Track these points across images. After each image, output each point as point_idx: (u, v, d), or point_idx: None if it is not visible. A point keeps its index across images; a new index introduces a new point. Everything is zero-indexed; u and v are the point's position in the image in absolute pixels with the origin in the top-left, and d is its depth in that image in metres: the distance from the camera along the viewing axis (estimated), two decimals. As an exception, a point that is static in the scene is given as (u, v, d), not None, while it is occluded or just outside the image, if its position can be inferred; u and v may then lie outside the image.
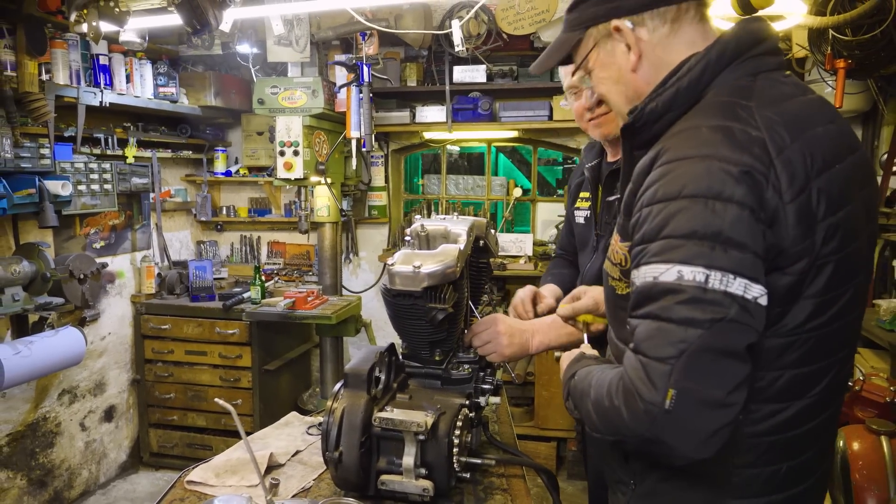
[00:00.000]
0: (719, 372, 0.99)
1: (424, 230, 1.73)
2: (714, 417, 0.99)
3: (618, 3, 1.20)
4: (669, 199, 1.03)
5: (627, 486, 1.29)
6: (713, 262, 0.98)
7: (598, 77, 1.30)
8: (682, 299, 0.99)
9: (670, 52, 1.19)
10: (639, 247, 1.07)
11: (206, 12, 2.40)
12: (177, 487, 1.70)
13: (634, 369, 1.03)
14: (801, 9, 2.44)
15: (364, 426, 1.49)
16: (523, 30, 3.93)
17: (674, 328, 0.99)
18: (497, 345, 1.81)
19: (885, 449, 2.27)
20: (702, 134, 1.06)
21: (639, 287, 1.06)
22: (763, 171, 1.01)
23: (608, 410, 1.09)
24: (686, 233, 1.00)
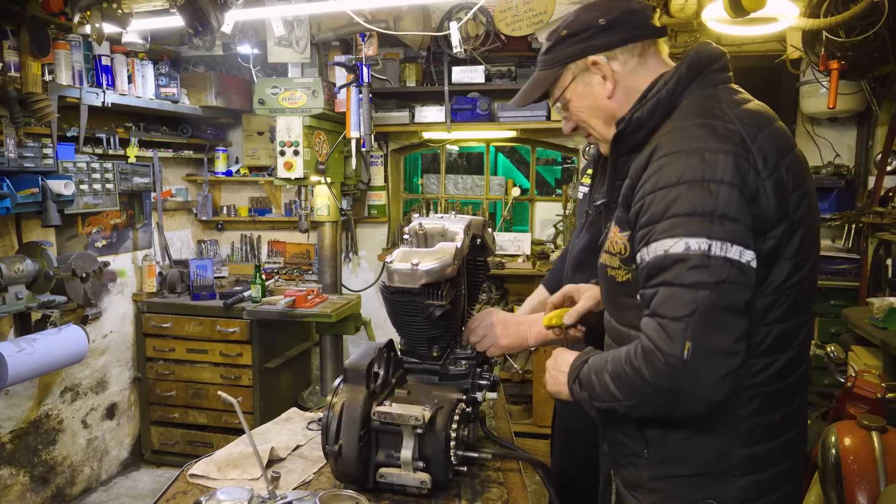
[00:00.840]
0: (725, 325, 1.17)
1: (422, 228, 1.77)
2: (724, 363, 1.17)
3: (594, 42, 1.43)
4: (670, 186, 1.22)
5: (640, 457, 1.41)
6: (713, 234, 1.18)
7: (576, 106, 1.50)
8: (690, 266, 1.18)
9: (638, 79, 1.43)
10: (645, 228, 1.25)
11: (208, 14, 2.44)
12: (180, 481, 1.74)
13: (654, 330, 1.20)
14: (793, 11, 2.48)
15: (363, 420, 1.53)
16: (521, 31, 3.96)
17: (686, 291, 1.17)
18: (493, 337, 1.85)
19: (875, 444, 2.30)
20: (690, 131, 1.27)
21: (650, 261, 1.23)
22: (744, 156, 1.23)
23: (629, 375, 1.25)
24: (688, 211, 1.20)
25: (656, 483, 1.40)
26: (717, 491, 1.33)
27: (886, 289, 3.74)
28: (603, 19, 1.42)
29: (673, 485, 1.38)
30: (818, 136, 4.16)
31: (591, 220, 2.08)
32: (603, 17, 1.42)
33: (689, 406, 1.22)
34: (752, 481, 1.33)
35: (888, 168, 3.84)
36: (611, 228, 1.43)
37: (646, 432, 1.39)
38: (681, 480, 1.37)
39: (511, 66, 4.30)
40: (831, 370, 2.67)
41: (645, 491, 1.42)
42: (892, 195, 3.76)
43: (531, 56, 4.32)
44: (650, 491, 1.41)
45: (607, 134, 1.49)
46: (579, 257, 2.13)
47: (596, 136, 1.53)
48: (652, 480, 1.40)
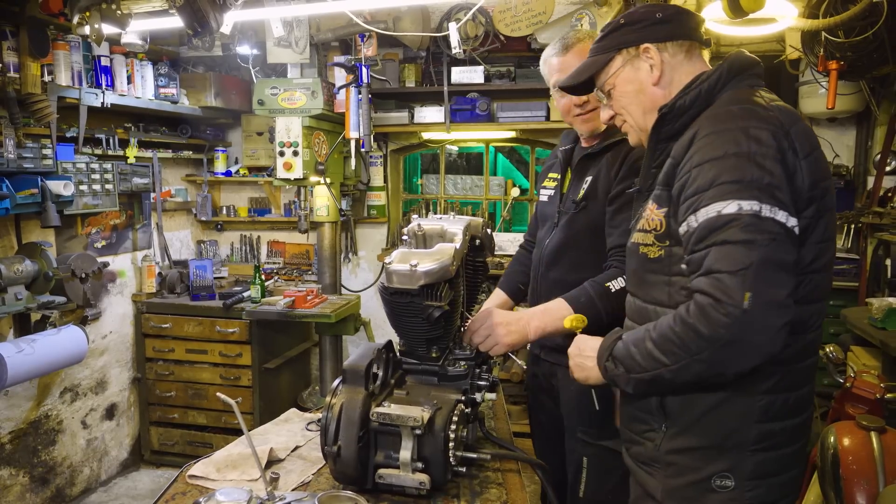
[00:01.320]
0: (778, 280, 1.25)
1: (421, 229, 1.77)
2: (780, 315, 1.25)
3: (648, 32, 1.55)
4: (717, 158, 1.32)
5: (657, 432, 1.49)
6: (762, 199, 1.27)
7: (620, 91, 1.60)
8: (743, 224, 1.26)
9: (682, 73, 1.55)
10: (692, 198, 1.33)
11: (207, 15, 2.44)
12: (179, 482, 1.74)
13: (710, 286, 1.26)
14: (791, 11, 2.48)
15: (362, 421, 1.53)
16: (520, 31, 3.96)
17: (740, 247, 1.25)
18: (496, 336, 1.87)
19: (874, 445, 2.30)
20: (733, 112, 1.38)
21: (701, 224, 1.30)
22: (784, 136, 1.33)
23: (679, 336, 1.30)
24: (737, 179, 1.28)
25: (673, 456, 1.46)
26: (733, 464, 1.40)
27: (885, 289, 3.74)
28: (660, 13, 1.55)
29: (690, 457, 1.43)
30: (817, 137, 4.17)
31: (568, 219, 2.13)
32: (660, 12, 1.56)
33: (747, 358, 1.28)
34: (766, 458, 1.40)
35: (887, 168, 3.84)
36: (646, 209, 1.51)
37: (666, 406, 1.46)
38: (697, 453, 1.42)
39: (510, 67, 4.30)
40: (830, 370, 2.67)
41: (660, 465, 1.49)
42: (892, 195, 3.77)
43: (530, 56, 4.32)
44: (666, 465, 1.47)
45: (643, 122, 1.58)
46: (554, 255, 2.17)
47: (632, 123, 1.61)
48: (669, 454, 1.46)
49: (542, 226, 2.31)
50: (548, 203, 2.28)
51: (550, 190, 2.29)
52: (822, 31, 2.97)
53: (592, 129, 2.12)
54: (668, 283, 1.44)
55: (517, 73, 4.28)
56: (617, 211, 2.00)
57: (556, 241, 2.16)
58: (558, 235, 2.16)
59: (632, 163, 2.00)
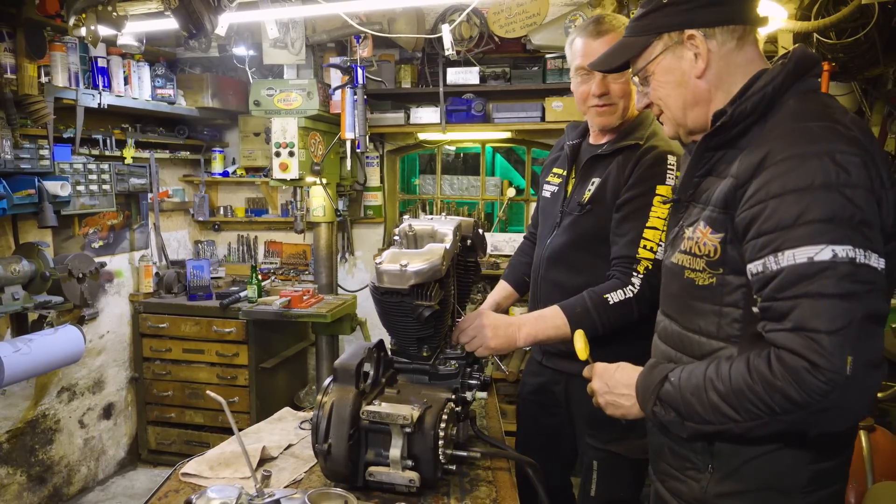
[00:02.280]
0: (874, 336, 1.13)
1: (412, 230, 1.79)
2: (877, 377, 1.13)
3: (694, 15, 1.33)
4: (802, 190, 1.14)
5: (703, 472, 1.37)
6: (855, 241, 1.11)
7: (659, 81, 1.41)
8: (841, 274, 1.11)
9: (732, 66, 1.35)
10: (772, 234, 1.17)
11: (202, 17, 2.45)
12: (172, 479, 1.76)
13: (805, 346, 1.11)
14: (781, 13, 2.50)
15: (352, 419, 1.55)
16: (515, 32, 3.98)
17: (839, 302, 1.10)
18: (482, 338, 1.87)
19: (863, 443, 2.33)
20: (814, 132, 1.19)
21: (787, 269, 1.14)
22: (872, 163, 1.17)
23: (759, 396, 1.17)
24: (828, 217, 1.12)
25: (725, 500, 1.35)
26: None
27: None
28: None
29: (741, 501, 1.33)
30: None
31: (572, 221, 2.07)
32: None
33: (839, 423, 1.17)
34: (818, 498, 1.30)
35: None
36: (696, 228, 1.35)
37: (715, 446, 1.35)
38: (749, 496, 1.32)
39: (505, 68, 4.32)
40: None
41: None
42: (884, 196, 3.78)
43: (525, 57, 4.34)
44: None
45: (682, 117, 1.42)
46: (555, 257, 2.12)
47: (670, 117, 1.44)
48: (718, 497, 1.36)
49: (543, 222, 2.25)
50: (551, 200, 2.21)
51: (554, 186, 2.21)
52: (814, 33, 2.99)
53: (605, 125, 2.05)
54: (719, 313, 1.31)
55: (512, 73, 4.29)
56: (624, 219, 1.95)
57: (558, 243, 2.12)
58: (560, 237, 2.12)
59: (643, 170, 1.94)
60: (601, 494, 2.11)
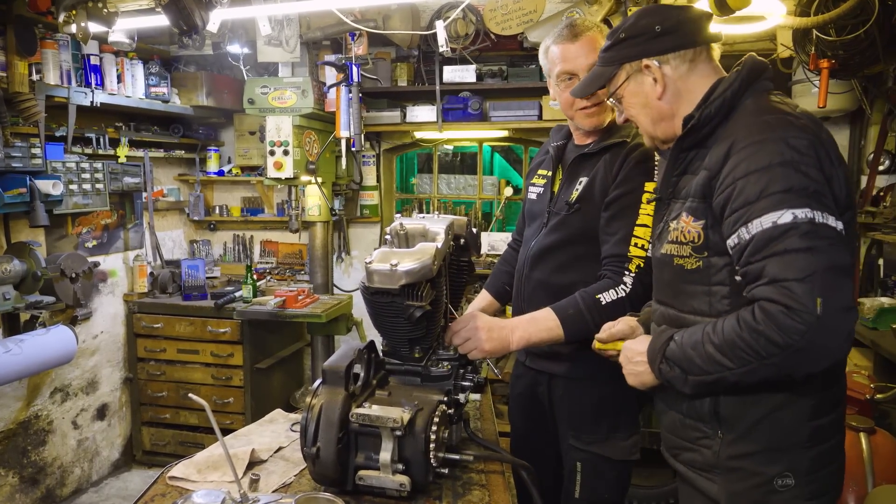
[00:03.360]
0: (843, 284, 1.28)
1: (403, 229, 1.75)
2: (849, 318, 1.28)
3: (648, 46, 1.56)
4: (762, 169, 1.33)
5: (714, 439, 1.50)
6: (812, 206, 1.29)
7: (628, 102, 1.63)
8: (802, 232, 1.28)
9: (688, 84, 1.56)
10: (741, 209, 1.34)
11: (192, 13, 2.42)
12: (159, 483, 1.73)
13: (779, 294, 1.27)
14: (779, 9, 2.47)
15: (341, 422, 1.51)
16: (511, 30, 3.95)
17: (804, 255, 1.27)
18: (476, 340, 1.84)
19: (864, 445, 2.30)
20: (769, 122, 1.39)
21: (755, 235, 1.32)
22: (819, 145, 1.36)
23: (746, 341, 1.31)
24: (786, 188, 1.31)
25: (735, 462, 1.47)
26: (792, 463, 1.44)
27: (878, 289, 3.73)
28: (659, 26, 1.55)
29: (752, 461, 1.45)
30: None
31: (559, 220, 2.07)
32: (659, 24, 1.55)
33: (819, 362, 1.30)
34: (818, 452, 1.44)
35: (880, 168, 3.83)
36: (679, 219, 1.51)
37: (721, 412, 1.48)
38: (758, 456, 1.45)
39: (502, 66, 4.29)
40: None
41: (722, 471, 1.50)
42: (884, 195, 3.76)
43: (522, 55, 4.31)
44: (728, 470, 1.49)
45: (652, 130, 1.62)
46: (540, 256, 2.11)
47: (643, 131, 1.67)
48: (731, 459, 1.48)
49: (529, 224, 2.24)
50: (536, 201, 2.20)
51: (539, 188, 2.20)
52: (813, 30, 2.96)
53: (597, 125, 2.04)
54: (709, 292, 1.47)
55: (509, 72, 4.26)
56: (613, 217, 1.95)
57: (544, 242, 2.11)
58: (547, 236, 2.10)
59: (631, 167, 1.94)
60: (585, 496, 2.09)
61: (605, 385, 2.02)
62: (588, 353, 1.88)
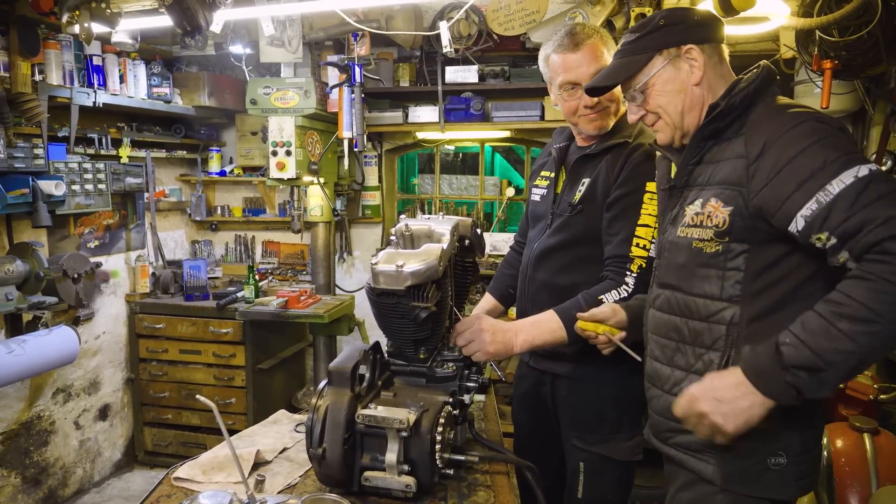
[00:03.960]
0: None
1: (409, 230, 1.75)
2: None
3: (689, 33, 1.61)
4: (812, 145, 1.37)
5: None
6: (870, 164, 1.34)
7: (660, 90, 1.63)
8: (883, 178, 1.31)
9: (717, 75, 1.62)
10: (808, 182, 1.35)
11: (196, 14, 2.42)
12: (164, 484, 1.73)
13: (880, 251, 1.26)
14: (784, 10, 2.47)
15: (347, 423, 1.51)
16: (514, 30, 3.94)
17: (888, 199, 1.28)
18: (481, 343, 1.83)
19: (867, 446, 2.30)
20: (796, 113, 1.46)
21: (840, 192, 1.31)
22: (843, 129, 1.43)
23: (885, 293, 1.24)
24: (845, 151, 1.36)
25: (732, 441, 1.46)
26: (785, 443, 1.49)
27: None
28: (697, 16, 1.62)
29: (747, 441, 1.46)
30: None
31: (563, 221, 2.07)
32: (696, 15, 1.63)
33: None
34: (809, 435, 1.51)
35: (883, 168, 3.83)
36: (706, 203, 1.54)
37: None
38: (753, 437, 1.45)
39: (504, 66, 4.29)
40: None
41: (716, 451, 1.53)
42: (887, 195, 3.75)
43: (524, 56, 4.31)
44: (724, 450, 1.51)
45: (680, 121, 1.63)
46: (543, 257, 2.12)
47: (668, 122, 1.64)
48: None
49: (533, 226, 2.25)
50: (540, 203, 2.21)
51: (543, 189, 2.21)
52: (816, 30, 2.95)
53: (600, 128, 2.05)
54: (723, 276, 1.51)
55: (511, 72, 4.26)
56: (615, 218, 1.95)
57: (548, 244, 2.11)
58: (550, 237, 2.11)
59: (632, 167, 1.94)
60: (588, 496, 2.09)
61: (608, 386, 2.03)
62: (591, 354, 1.88)
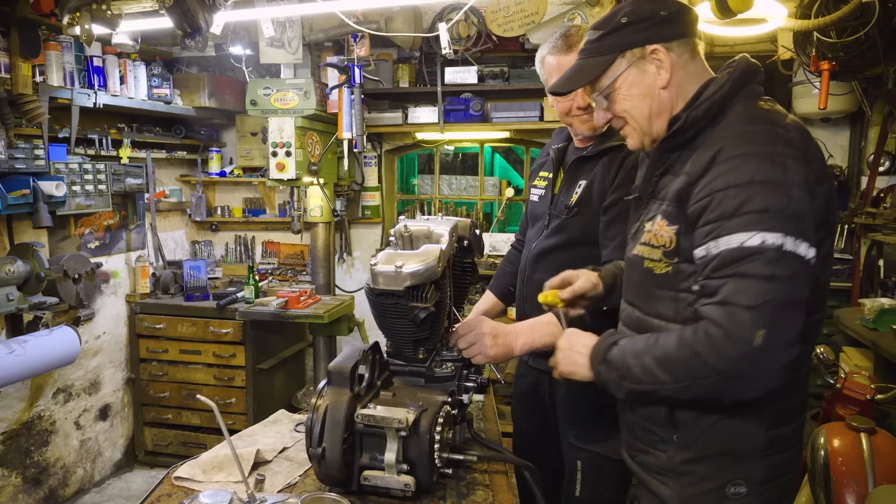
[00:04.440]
0: (792, 318, 1.26)
1: (408, 230, 1.76)
2: (787, 353, 1.27)
3: (654, 31, 1.46)
4: (743, 184, 1.28)
5: (669, 443, 1.49)
6: (786, 230, 1.25)
7: (624, 94, 1.50)
8: (766, 259, 1.24)
9: (688, 75, 1.48)
10: (714, 223, 1.30)
11: (197, 15, 2.43)
12: (165, 483, 1.74)
13: (724, 318, 1.26)
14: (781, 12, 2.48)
15: (347, 422, 1.52)
16: (513, 32, 3.95)
17: (760, 282, 1.24)
18: (482, 346, 1.83)
19: (864, 446, 2.30)
20: (757, 134, 1.34)
21: (721, 253, 1.28)
22: (806, 162, 1.31)
23: (685, 359, 1.31)
24: (763, 208, 1.26)
25: (687, 466, 1.46)
26: (746, 471, 1.42)
27: (878, 290, 3.74)
28: (664, 11, 1.46)
29: (704, 467, 1.44)
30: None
31: (560, 223, 2.09)
32: (663, 9, 1.46)
33: (747, 391, 1.30)
34: (775, 462, 1.43)
35: (880, 169, 3.84)
36: (654, 221, 1.47)
37: (676, 417, 1.46)
38: (711, 462, 1.44)
39: (504, 67, 4.30)
40: (821, 371, 2.67)
41: (675, 475, 1.49)
42: (885, 196, 3.77)
43: (524, 56, 4.32)
44: (680, 474, 1.47)
45: (648, 127, 1.50)
46: (544, 256, 2.14)
47: (636, 127, 1.53)
48: (684, 464, 1.47)
49: (532, 225, 2.26)
50: (538, 203, 2.23)
51: (541, 189, 2.23)
52: (814, 32, 2.97)
53: (594, 129, 2.04)
54: (676, 298, 1.43)
55: (510, 73, 4.27)
56: (611, 222, 1.97)
57: (545, 244, 2.13)
58: (548, 238, 2.13)
59: (628, 170, 1.94)
60: (585, 495, 2.10)
61: None
62: None
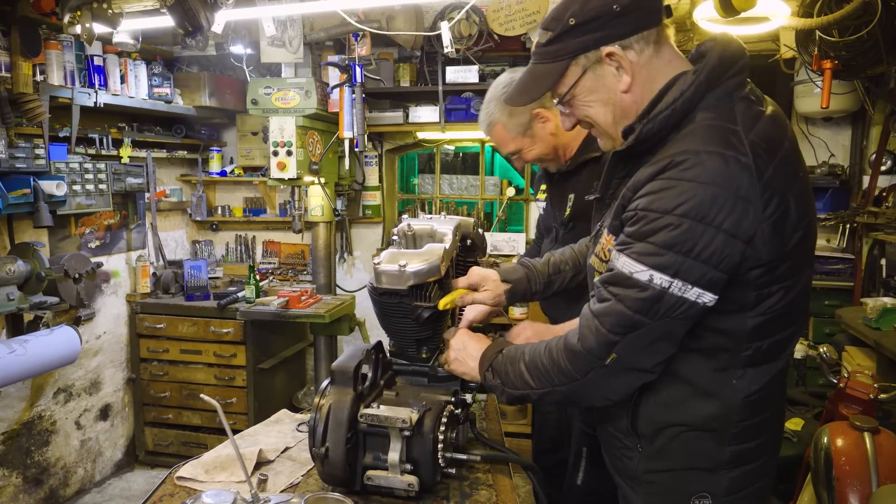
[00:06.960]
0: (653, 350, 1.27)
1: (411, 230, 1.76)
2: (638, 378, 1.31)
3: (607, 31, 1.28)
4: (663, 213, 1.19)
5: (634, 451, 1.46)
6: (680, 273, 1.20)
7: (583, 101, 1.37)
8: (644, 296, 1.22)
9: (654, 71, 1.32)
10: (627, 238, 1.26)
11: (198, 14, 2.43)
12: (167, 483, 1.73)
13: (588, 329, 1.29)
14: (784, 10, 2.47)
15: (350, 422, 1.52)
16: (514, 31, 3.95)
17: (630, 314, 1.23)
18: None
19: (867, 445, 2.29)
20: (702, 160, 1.19)
21: (617, 270, 1.26)
22: (748, 198, 1.18)
23: (545, 366, 1.37)
24: (668, 244, 1.19)
25: (651, 476, 1.44)
26: (709, 484, 1.38)
27: (881, 289, 3.73)
28: (617, 5, 1.26)
29: (668, 478, 1.42)
30: (813, 136, 4.16)
31: (563, 235, 2.15)
32: (615, 3, 1.26)
33: (597, 401, 1.38)
34: (741, 472, 1.38)
35: (882, 168, 3.83)
36: (604, 234, 1.41)
37: (638, 428, 1.43)
38: (675, 474, 1.41)
39: (505, 66, 4.29)
40: (824, 371, 2.66)
41: (641, 483, 1.46)
42: (887, 195, 3.76)
43: (525, 56, 4.31)
44: (646, 483, 1.45)
45: (613, 131, 1.38)
46: None
47: (603, 131, 1.41)
48: (647, 473, 1.44)
49: (546, 236, 2.35)
50: (545, 216, 2.33)
51: (543, 202, 2.33)
52: (816, 30, 2.96)
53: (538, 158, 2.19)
54: None
55: (512, 72, 4.26)
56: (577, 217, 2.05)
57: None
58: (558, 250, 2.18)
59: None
60: (587, 484, 2.11)
61: None
62: None
